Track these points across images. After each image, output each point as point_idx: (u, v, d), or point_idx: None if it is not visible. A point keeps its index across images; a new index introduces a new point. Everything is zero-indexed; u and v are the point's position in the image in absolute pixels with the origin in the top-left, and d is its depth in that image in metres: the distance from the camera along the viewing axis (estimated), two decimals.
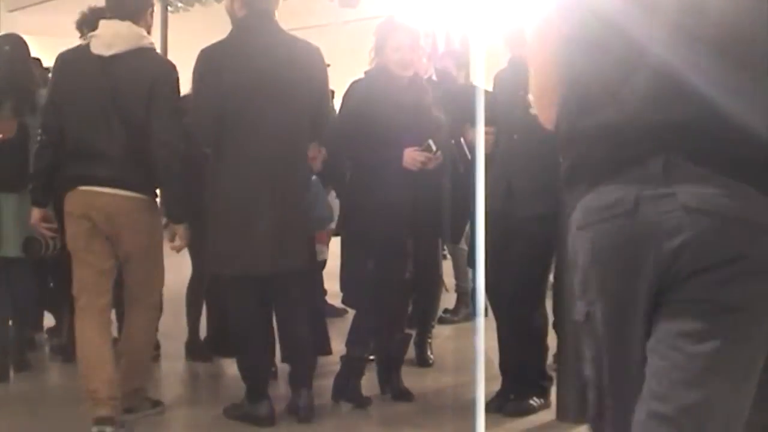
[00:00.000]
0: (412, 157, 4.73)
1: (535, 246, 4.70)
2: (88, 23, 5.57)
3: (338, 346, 5.23)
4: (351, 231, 4.92)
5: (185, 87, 6.02)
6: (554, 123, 2.14)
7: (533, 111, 2.34)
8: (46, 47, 7.70)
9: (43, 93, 5.32)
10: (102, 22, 4.53)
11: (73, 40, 5.44)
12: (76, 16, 5.65)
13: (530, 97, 2.34)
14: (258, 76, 4.45)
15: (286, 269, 4.55)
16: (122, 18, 4.46)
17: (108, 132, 4.38)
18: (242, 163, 4.47)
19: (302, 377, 4.70)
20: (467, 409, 4.64)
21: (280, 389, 4.99)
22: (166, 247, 4.68)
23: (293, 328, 4.69)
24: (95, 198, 4.41)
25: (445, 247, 7.27)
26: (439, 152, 4.80)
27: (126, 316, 4.69)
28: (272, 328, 4.72)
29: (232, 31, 4.59)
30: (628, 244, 1.92)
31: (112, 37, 4.43)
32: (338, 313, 6.60)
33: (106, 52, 4.40)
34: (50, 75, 5.20)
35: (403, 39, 4.80)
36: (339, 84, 5.60)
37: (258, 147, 4.45)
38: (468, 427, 4.38)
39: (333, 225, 5.58)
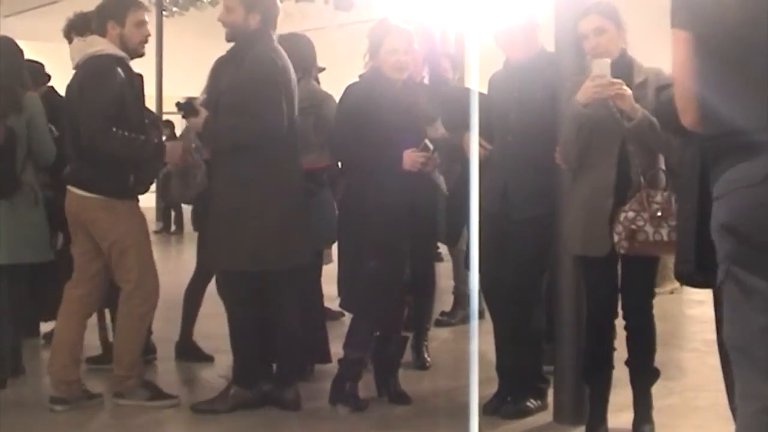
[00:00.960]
0: (411, 158, 4.73)
1: (532, 247, 4.69)
2: (75, 29, 5.62)
3: (335, 349, 5.23)
4: (349, 234, 4.92)
5: (183, 89, 6.02)
6: (697, 123, 2.66)
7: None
8: (42, 52, 7.69)
9: (31, 96, 5.31)
10: None
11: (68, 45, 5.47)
12: None
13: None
14: (291, 83, 4.78)
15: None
16: (91, 33, 5.02)
17: (68, 136, 4.94)
18: (285, 168, 4.76)
19: (289, 376, 4.89)
20: (464, 412, 4.62)
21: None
22: (161, 251, 4.71)
23: (284, 327, 4.86)
24: (68, 195, 4.94)
25: (441, 249, 7.27)
26: (436, 153, 4.80)
27: None
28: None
29: (263, 42, 4.72)
30: (760, 206, 2.44)
31: (72, 53, 5.03)
32: (335, 316, 6.60)
33: (73, 67, 4.96)
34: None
35: (398, 42, 4.80)
36: (334, 87, 5.60)
37: (292, 152, 4.81)
38: (465, 429, 4.38)
39: None
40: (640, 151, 4.16)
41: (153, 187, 5.45)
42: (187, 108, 4.86)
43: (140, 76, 5.02)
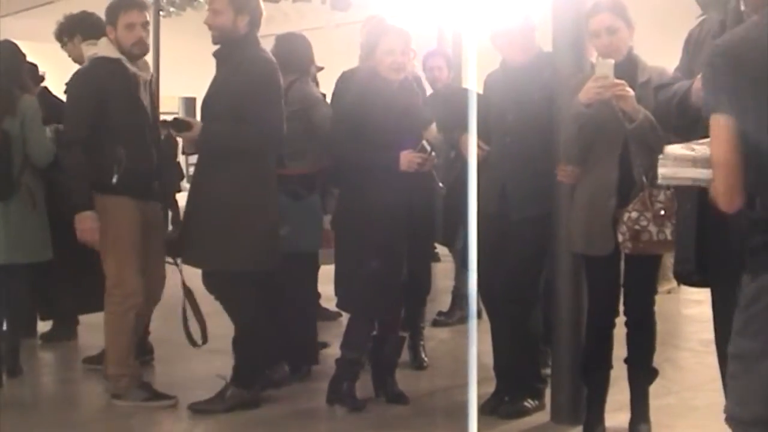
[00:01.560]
0: (408, 159, 4.73)
1: (530, 248, 4.70)
2: (65, 31, 5.63)
3: (333, 349, 5.23)
4: (346, 234, 4.92)
5: (180, 89, 6.02)
6: (736, 207, 2.58)
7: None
8: (39, 53, 7.68)
9: (27, 98, 5.31)
10: None
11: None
12: None
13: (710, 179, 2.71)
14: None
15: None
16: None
17: None
18: (269, 170, 4.87)
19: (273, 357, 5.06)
20: (461, 412, 4.61)
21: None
22: None
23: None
24: None
25: (439, 249, 7.25)
26: (433, 153, 4.80)
27: None
28: None
29: (254, 45, 4.77)
30: None
31: (85, 57, 5.14)
32: (332, 316, 6.59)
33: None
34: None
35: (395, 42, 4.79)
36: (332, 87, 5.61)
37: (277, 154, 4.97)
38: (462, 429, 4.38)
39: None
40: (642, 151, 4.14)
41: None
42: (179, 125, 4.81)
43: (135, 77, 4.92)
